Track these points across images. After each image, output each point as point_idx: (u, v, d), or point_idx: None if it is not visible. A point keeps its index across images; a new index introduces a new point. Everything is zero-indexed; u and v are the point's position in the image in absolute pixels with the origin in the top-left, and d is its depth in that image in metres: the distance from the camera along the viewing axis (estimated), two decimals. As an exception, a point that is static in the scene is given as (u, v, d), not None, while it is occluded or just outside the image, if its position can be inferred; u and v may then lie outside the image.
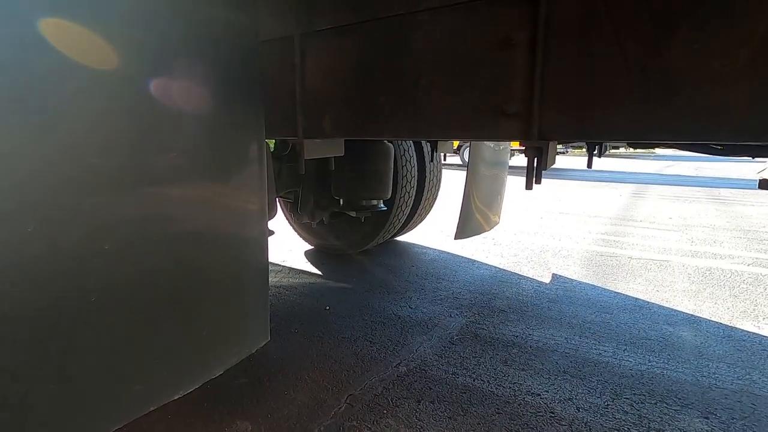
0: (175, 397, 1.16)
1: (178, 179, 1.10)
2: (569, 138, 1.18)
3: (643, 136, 1.06)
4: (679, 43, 1.00)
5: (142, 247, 1.03)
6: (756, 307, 2.70)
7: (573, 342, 2.27)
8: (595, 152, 2.18)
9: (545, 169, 1.18)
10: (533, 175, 1.21)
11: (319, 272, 3.44)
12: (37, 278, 0.86)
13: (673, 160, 18.69)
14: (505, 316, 2.60)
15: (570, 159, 16.34)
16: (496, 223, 3.81)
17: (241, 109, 1.23)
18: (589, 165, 2.15)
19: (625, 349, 2.20)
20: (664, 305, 2.75)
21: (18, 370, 0.86)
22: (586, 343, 2.26)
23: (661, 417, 1.66)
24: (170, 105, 1.05)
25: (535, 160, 1.25)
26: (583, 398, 1.78)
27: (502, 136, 1.25)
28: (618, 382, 1.90)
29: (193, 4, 1.09)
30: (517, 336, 2.34)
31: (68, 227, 0.89)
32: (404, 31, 1.42)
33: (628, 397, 1.79)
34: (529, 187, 1.23)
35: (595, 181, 10.27)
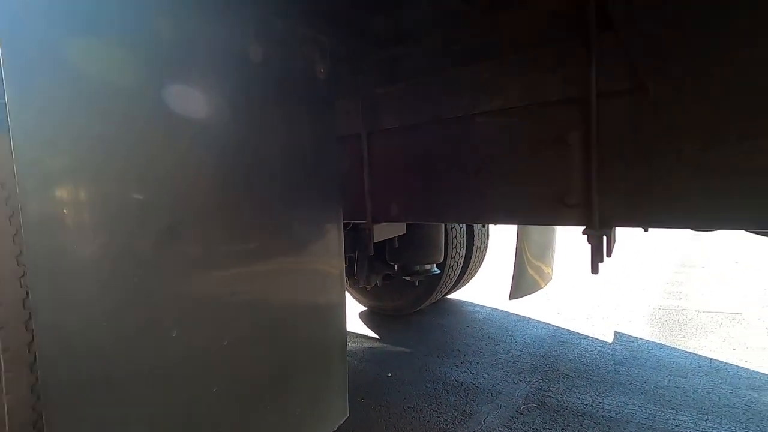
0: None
1: (277, 268, 1.25)
2: (630, 225, 1.27)
3: (705, 225, 1.14)
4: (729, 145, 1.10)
5: (249, 337, 1.15)
6: None
7: (648, 410, 2.19)
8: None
9: (609, 256, 1.27)
10: (598, 260, 1.30)
11: (377, 335, 3.52)
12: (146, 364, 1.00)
13: None
14: (570, 381, 2.55)
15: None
16: (550, 278, 3.77)
17: (323, 200, 1.42)
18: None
19: (707, 418, 2.10)
20: (744, 366, 2.60)
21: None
22: (663, 411, 2.18)
23: (759, 500, 1.57)
24: (266, 202, 1.23)
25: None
26: (669, 476, 1.71)
27: (564, 223, 1.36)
28: (705, 458, 1.81)
29: (287, 117, 1.30)
30: (586, 404, 2.28)
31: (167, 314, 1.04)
32: (463, 130, 1.61)
33: (718, 475, 1.71)
34: (594, 271, 1.31)
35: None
